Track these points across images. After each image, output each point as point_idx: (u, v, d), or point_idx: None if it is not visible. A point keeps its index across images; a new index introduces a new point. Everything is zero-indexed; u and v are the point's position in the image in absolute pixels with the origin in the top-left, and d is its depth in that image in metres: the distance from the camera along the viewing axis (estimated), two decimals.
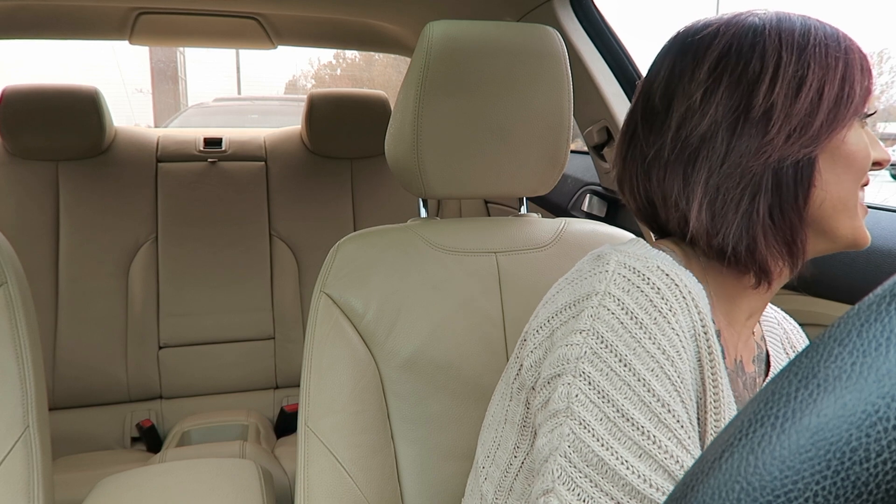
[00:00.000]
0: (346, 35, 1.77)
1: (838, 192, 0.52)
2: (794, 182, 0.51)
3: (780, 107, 0.50)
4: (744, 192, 0.51)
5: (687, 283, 0.49)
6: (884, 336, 0.17)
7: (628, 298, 0.47)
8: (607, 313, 0.47)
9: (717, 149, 0.52)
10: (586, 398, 0.45)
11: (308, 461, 0.70)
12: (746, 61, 0.51)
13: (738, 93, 0.51)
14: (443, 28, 0.74)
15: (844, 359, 0.18)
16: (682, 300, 0.48)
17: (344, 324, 0.74)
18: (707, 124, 0.52)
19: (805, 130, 0.50)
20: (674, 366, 0.45)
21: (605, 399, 0.44)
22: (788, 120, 0.50)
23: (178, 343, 1.68)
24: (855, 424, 0.16)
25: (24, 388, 0.75)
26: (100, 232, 1.64)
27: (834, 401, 0.17)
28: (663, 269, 0.48)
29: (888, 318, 0.17)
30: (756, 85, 0.51)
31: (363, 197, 1.84)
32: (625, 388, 0.44)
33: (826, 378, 0.18)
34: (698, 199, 0.52)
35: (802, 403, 0.18)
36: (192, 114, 4.84)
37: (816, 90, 0.50)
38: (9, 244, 0.79)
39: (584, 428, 0.44)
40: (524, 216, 0.86)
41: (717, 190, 0.52)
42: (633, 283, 0.47)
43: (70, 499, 1.24)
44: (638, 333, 0.46)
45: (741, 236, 0.51)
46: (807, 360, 0.19)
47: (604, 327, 0.46)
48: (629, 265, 0.49)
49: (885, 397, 0.16)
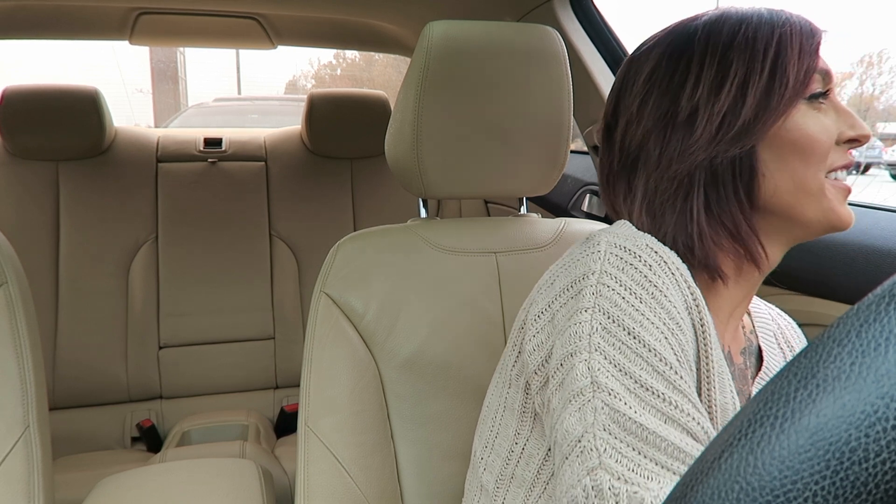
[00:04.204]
0: (345, 35, 1.77)
1: (791, 179, 0.51)
2: (733, 176, 0.52)
3: (703, 107, 0.52)
4: (677, 193, 0.53)
5: (674, 260, 0.50)
6: (883, 336, 0.17)
7: (624, 276, 0.48)
8: (608, 290, 0.47)
9: (651, 155, 0.54)
10: (608, 371, 0.45)
11: (308, 461, 0.70)
12: (674, 69, 0.54)
13: (666, 100, 0.54)
14: (443, 28, 0.74)
15: (843, 359, 0.18)
16: (671, 276, 0.49)
17: (344, 324, 0.74)
18: (641, 133, 0.55)
19: (731, 126, 0.51)
20: (675, 336, 0.46)
21: (623, 371, 0.44)
22: (712, 119, 0.51)
23: (178, 343, 1.68)
24: (854, 425, 0.17)
25: (25, 388, 0.75)
26: (100, 232, 1.64)
27: (833, 401, 0.17)
28: (651, 246, 0.49)
29: (887, 318, 0.17)
30: (681, 90, 0.53)
31: (363, 197, 1.84)
32: (638, 359, 0.45)
33: (825, 378, 0.18)
34: (638, 204, 0.56)
35: (801, 404, 0.18)
36: (192, 114, 4.84)
37: (739, 85, 0.51)
38: (9, 244, 0.79)
39: (616, 398, 0.43)
40: (524, 216, 0.86)
41: (654, 193, 0.54)
42: (626, 260, 0.48)
43: (70, 499, 1.24)
44: (640, 307, 0.46)
45: (678, 235, 0.53)
46: (806, 361, 0.19)
47: (607, 303, 0.47)
48: (619, 244, 0.50)
49: (884, 397, 0.16)
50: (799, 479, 0.16)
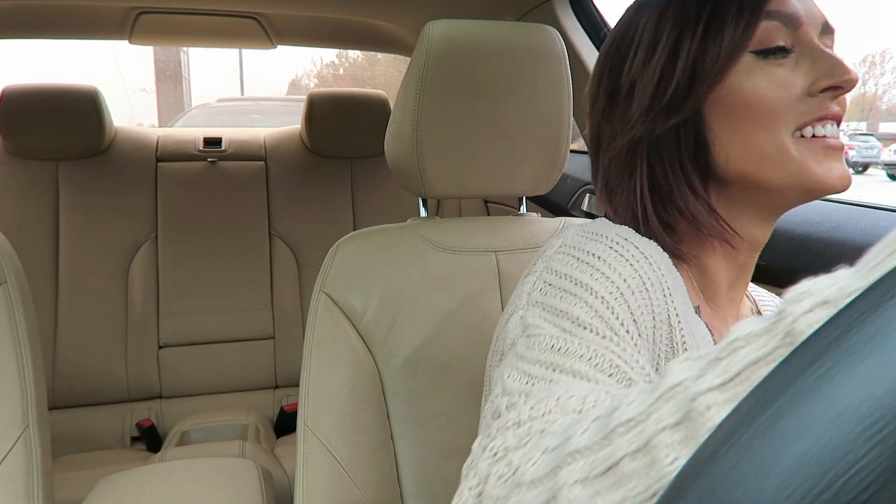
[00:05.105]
0: (345, 35, 1.76)
1: (742, 144, 0.47)
2: (678, 149, 0.49)
3: (639, 81, 0.50)
4: (623, 171, 0.52)
5: (651, 252, 0.47)
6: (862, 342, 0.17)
7: (588, 244, 0.47)
8: (563, 255, 0.47)
9: (604, 138, 0.54)
10: (541, 318, 0.43)
11: (307, 460, 0.70)
12: (619, 45, 0.52)
13: (612, 78, 0.53)
14: (442, 27, 0.74)
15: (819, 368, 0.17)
16: (643, 259, 0.46)
17: (343, 323, 0.74)
18: (596, 117, 0.55)
19: (663, 95, 0.48)
20: (634, 297, 0.44)
21: (561, 314, 0.42)
22: (645, 90, 0.49)
23: (177, 342, 1.68)
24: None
25: (24, 388, 0.75)
26: (100, 232, 1.64)
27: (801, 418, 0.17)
28: (622, 235, 0.48)
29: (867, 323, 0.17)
30: (622, 64, 0.51)
31: (363, 197, 1.84)
32: (581, 303, 0.42)
33: (794, 394, 0.17)
34: (598, 188, 0.56)
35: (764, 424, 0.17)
36: (195, 114, 4.87)
37: (671, 48, 0.47)
38: (9, 244, 0.79)
39: (539, 334, 0.42)
40: (524, 215, 0.86)
41: (607, 174, 0.54)
42: (591, 238, 0.48)
43: (70, 498, 1.24)
44: (596, 263, 0.45)
45: (626, 214, 0.52)
46: (775, 378, 0.18)
47: (558, 264, 0.46)
48: (588, 229, 0.49)
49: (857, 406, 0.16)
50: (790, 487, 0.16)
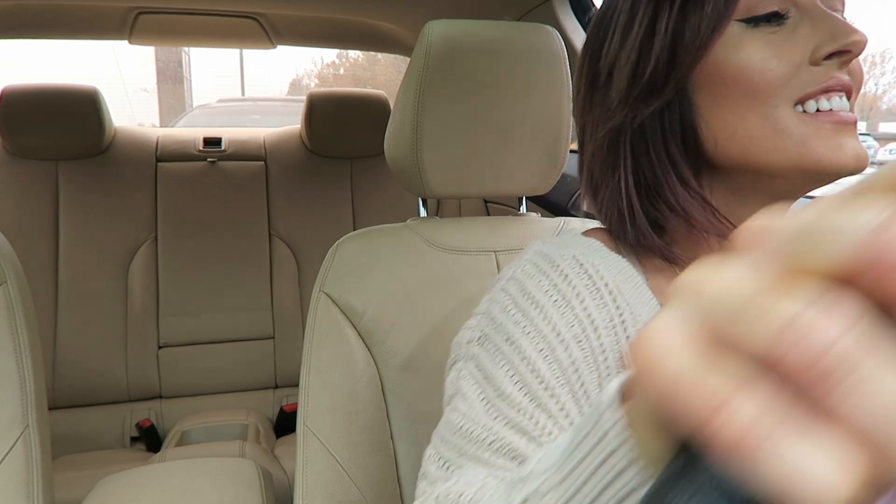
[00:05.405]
0: (345, 35, 1.76)
1: (731, 125, 0.42)
2: (663, 136, 0.44)
3: (617, 64, 0.45)
4: (605, 164, 0.48)
5: (605, 274, 0.44)
6: None
7: (530, 282, 0.44)
8: (504, 296, 0.45)
9: (588, 130, 0.50)
10: (473, 380, 0.43)
11: (307, 461, 0.70)
12: (597, 31, 0.49)
13: (591, 67, 0.49)
14: (442, 27, 0.74)
15: None
16: (594, 291, 0.43)
17: (343, 323, 0.74)
18: (578, 108, 0.51)
19: (642, 76, 0.43)
20: (568, 351, 0.41)
21: (488, 380, 0.42)
22: (622, 73, 0.45)
23: (177, 342, 1.68)
24: None
25: (24, 388, 0.75)
26: (100, 231, 1.64)
27: None
28: (579, 258, 0.45)
29: None
30: (600, 50, 0.48)
31: (363, 197, 1.84)
32: (507, 367, 0.41)
33: None
34: (583, 184, 0.52)
35: None
36: (196, 114, 4.89)
37: (647, 26, 0.43)
38: (9, 244, 0.79)
39: (465, 401, 0.42)
40: (524, 215, 0.86)
41: (591, 169, 0.50)
42: (541, 268, 0.45)
43: (70, 498, 1.24)
44: (532, 313, 0.43)
45: (611, 212, 0.48)
46: None
47: (497, 309, 0.45)
48: (545, 253, 0.46)
49: None
50: None
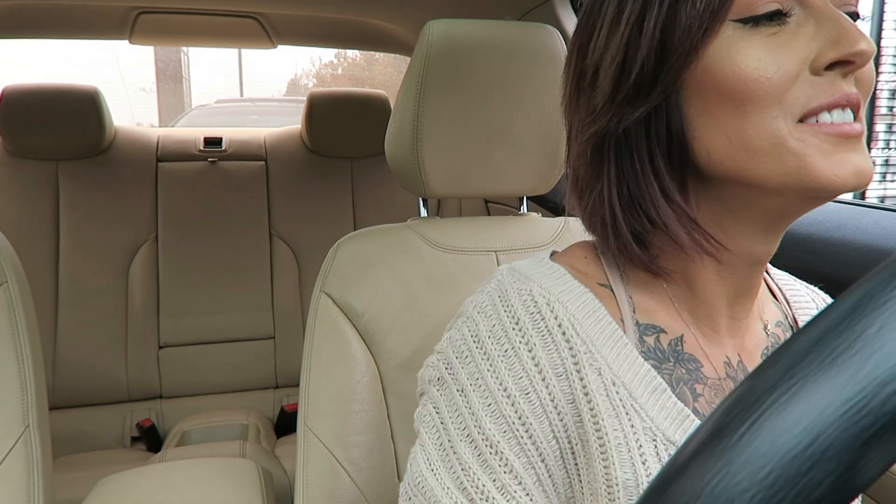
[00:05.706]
0: (345, 34, 1.77)
1: (725, 136, 0.39)
2: (648, 144, 0.41)
3: (602, 63, 0.42)
4: (590, 170, 0.45)
5: (560, 313, 0.42)
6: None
7: (483, 325, 0.43)
8: (460, 337, 0.44)
9: (572, 135, 0.47)
10: (431, 422, 0.44)
11: (307, 461, 0.70)
12: (584, 25, 0.45)
13: (577, 62, 0.46)
14: (442, 27, 0.74)
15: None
16: (546, 335, 0.42)
17: (343, 323, 0.73)
18: (564, 106, 0.48)
19: (627, 78, 0.40)
20: (514, 406, 0.41)
21: (444, 428, 0.43)
22: (607, 73, 0.42)
23: (178, 343, 1.68)
24: None
25: (24, 388, 0.75)
26: (100, 231, 1.64)
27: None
28: (535, 296, 0.43)
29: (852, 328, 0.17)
30: (585, 48, 0.44)
31: (363, 196, 1.84)
32: (459, 419, 0.42)
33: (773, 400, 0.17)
34: (569, 188, 0.49)
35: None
36: (196, 115, 4.90)
37: (634, 23, 0.40)
38: (9, 244, 0.79)
39: (424, 451, 0.43)
40: (524, 215, 0.86)
41: (576, 173, 0.47)
42: (495, 308, 0.43)
43: (70, 498, 1.24)
44: (482, 365, 0.42)
45: (595, 221, 0.46)
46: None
47: (454, 353, 0.44)
48: (504, 287, 0.44)
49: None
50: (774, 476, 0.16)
